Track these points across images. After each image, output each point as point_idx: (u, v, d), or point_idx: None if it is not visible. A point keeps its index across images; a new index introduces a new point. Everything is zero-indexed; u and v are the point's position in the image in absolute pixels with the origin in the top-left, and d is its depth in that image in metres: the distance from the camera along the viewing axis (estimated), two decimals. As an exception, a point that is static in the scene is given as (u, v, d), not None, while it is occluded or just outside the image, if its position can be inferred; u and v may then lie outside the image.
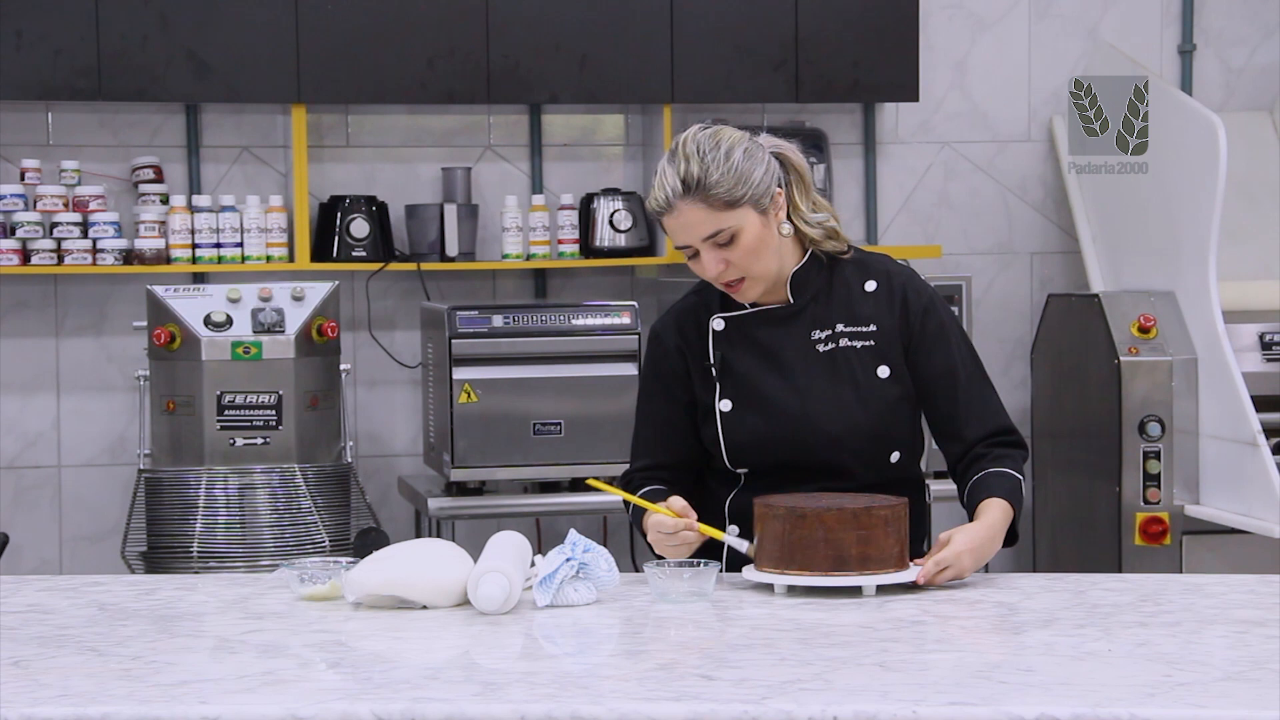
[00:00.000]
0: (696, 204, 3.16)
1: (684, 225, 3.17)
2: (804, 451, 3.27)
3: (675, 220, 3.18)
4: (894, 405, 3.29)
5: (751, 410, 3.29)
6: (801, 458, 3.27)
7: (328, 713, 2.31)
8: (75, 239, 5.57)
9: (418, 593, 2.93)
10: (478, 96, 5.71)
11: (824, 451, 3.27)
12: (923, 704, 2.30)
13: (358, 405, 5.80)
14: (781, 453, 3.28)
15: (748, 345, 3.32)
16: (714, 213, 3.16)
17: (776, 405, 3.28)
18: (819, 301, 3.31)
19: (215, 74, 5.55)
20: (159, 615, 2.95)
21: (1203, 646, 2.67)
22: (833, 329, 3.30)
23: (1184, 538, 5.39)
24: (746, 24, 5.77)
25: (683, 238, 3.19)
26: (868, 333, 3.30)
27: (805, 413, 3.27)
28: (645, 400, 3.44)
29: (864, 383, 3.28)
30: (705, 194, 3.15)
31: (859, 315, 3.31)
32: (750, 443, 3.29)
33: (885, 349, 3.30)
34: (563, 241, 5.87)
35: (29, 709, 2.32)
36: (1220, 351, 5.25)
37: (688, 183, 3.15)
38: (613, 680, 2.52)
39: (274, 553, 5.02)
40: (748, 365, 3.31)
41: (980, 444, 3.32)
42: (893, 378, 3.29)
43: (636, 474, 3.40)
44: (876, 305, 3.32)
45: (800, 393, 3.28)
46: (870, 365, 3.29)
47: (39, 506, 5.84)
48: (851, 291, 3.32)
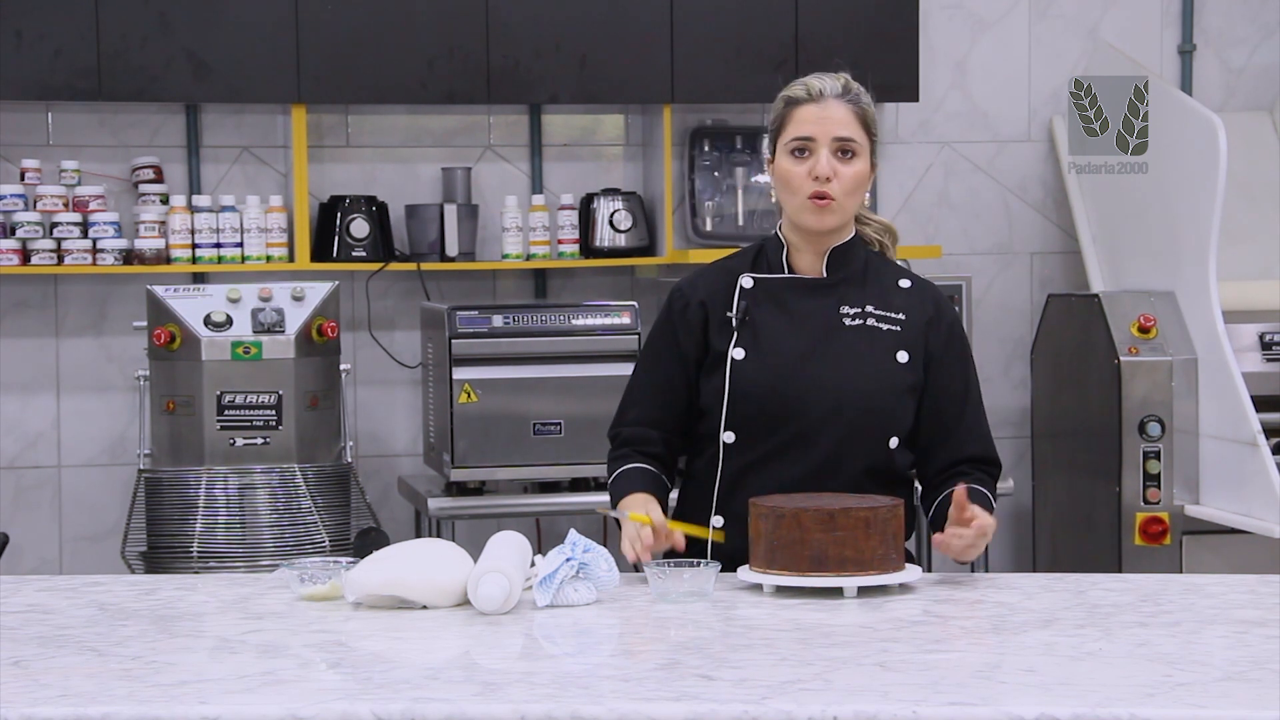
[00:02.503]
0: (847, 105, 3.33)
1: (827, 118, 3.31)
2: (803, 413, 3.30)
3: (820, 111, 3.32)
4: (903, 392, 3.33)
5: (762, 362, 3.33)
6: (797, 421, 3.30)
7: (328, 713, 2.31)
8: (75, 239, 5.57)
9: (418, 593, 2.93)
10: (478, 96, 5.71)
11: (824, 419, 3.29)
12: (923, 704, 2.30)
13: (358, 405, 5.80)
14: (781, 410, 3.30)
15: (774, 305, 3.37)
16: (856, 123, 3.32)
17: (789, 361, 3.32)
18: (852, 283, 3.38)
19: (215, 74, 5.55)
20: (159, 615, 2.95)
21: (1203, 646, 2.67)
22: (862, 308, 3.37)
23: (1184, 538, 5.40)
24: (746, 24, 5.78)
25: (817, 129, 3.31)
26: (896, 319, 3.37)
27: (815, 373, 3.31)
28: (651, 355, 3.47)
29: (882, 361, 3.34)
30: (858, 104, 3.34)
31: (891, 304, 3.38)
32: (753, 393, 3.31)
33: (909, 340, 3.36)
34: (563, 241, 5.87)
35: (29, 709, 2.32)
36: (1220, 351, 5.26)
37: (848, 89, 3.35)
38: (613, 680, 2.52)
39: (274, 553, 5.02)
40: (769, 322, 3.35)
41: (969, 463, 3.39)
42: (909, 366, 3.35)
43: (625, 428, 3.44)
44: (908, 300, 3.40)
45: (815, 355, 3.32)
46: (892, 348, 3.35)
47: (39, 506, 5.84)
48: (885, 282, 3.41)
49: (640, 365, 3.50)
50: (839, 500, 3.09)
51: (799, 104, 3.33)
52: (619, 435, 3.46)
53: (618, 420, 3.48)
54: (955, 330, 3.42)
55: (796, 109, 3.33)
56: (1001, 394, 6.26)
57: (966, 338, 3.48)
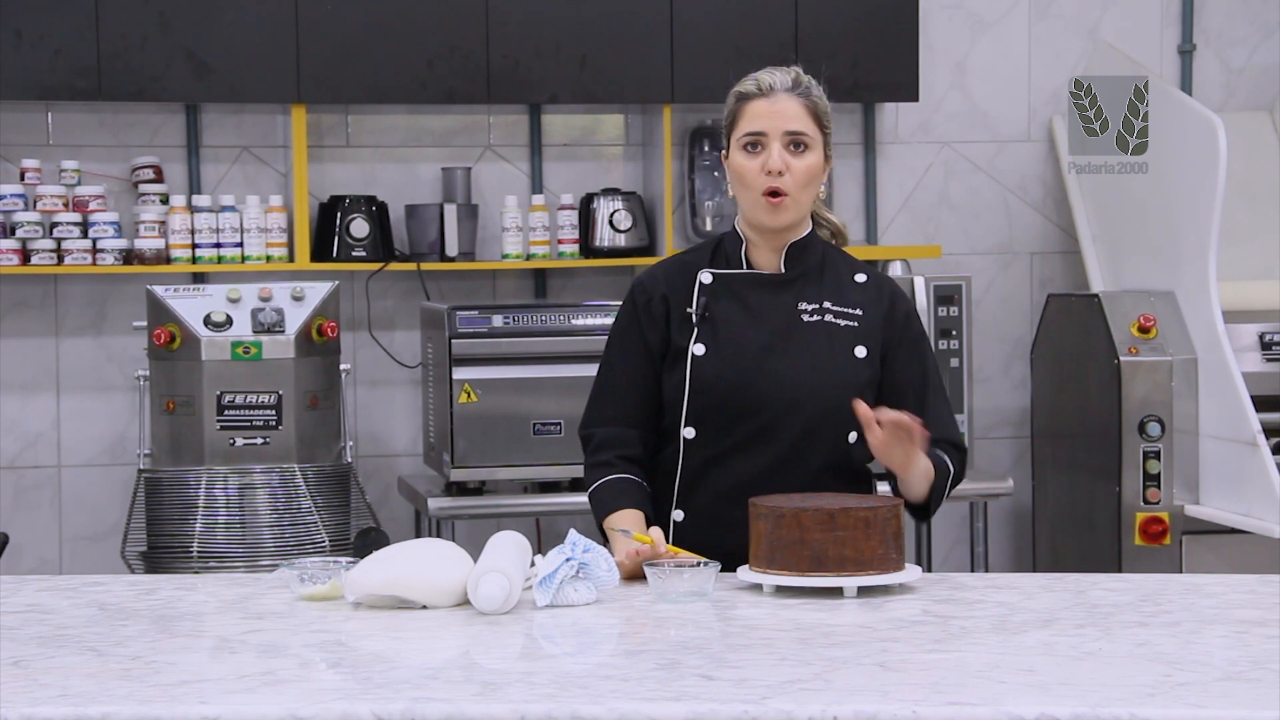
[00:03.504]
0: (797, 99, 3.34)
1: (778, 112, 3.33)
2: (761, 409, 3.33)
3: (771, 106, 3.33)
4: (862, 386, 3.36)
5: (723, 357, 3.35)
6: (757, 417, 3.32)
7: (328, 713, 2.31)
8: (75, 239, 5.57)
9: (418, 593, 2.93)
10: (478, 96, 5.72)
11: (781, 413, 3.32)
12: (923, 704, 2.30)
13: (358, 405, 5.80)
14: (739, 404, 3.33)
15: (733, 301, 3.40)
16: (807, 116, 3.34)
17: (748, 356, 3.35)
18: (810, 279, 3.42)
19: (215, 74, 5.55)
20: (159, 615, 2.95)
21: (1203, 646, 2.67)
22: (820, 304, 3.40)
23: (1184, 538, 5.40)
24: (746, 24, 5.77)
25: (768, 124, 3.33)
26: (853, 314, 3.41)
27: (775, 369, 3.34)
28: (618, 350, 3.47)
29: (840, 356, 3.37)
30: (808, 98, 3.36)
31: (847, 299, 3.42)
32: (714, 387, 3.34)
33: (866, 334, 3.40)
34: (562, 241, 5.87)
35: (29, 709, 2.32)
36: (1220, 351, 5.25)
37: (798, 82, 3.38)
38: (613, 680, 2.52)
39: (274, 553, 5.02)
40: (729, 318, 3.38)
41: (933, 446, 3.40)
42: (867, 360, 3.39)
43: (600, 429, 3.45)
44: (865, 295, 3.43)
45: (774, 351, 3.36)
46: (849, 343, 3.39)
47: (39, 506, 5.84)
48: (841, 278, 3.44)
49: (607, 361, 3.50)
50: (839, 500, 3.09)
51: (750, 99, 3.36)
52: (593, 436, 3.47)
53: (590, 418, 3.49)
54: (911, 321, 3.45)
55: (748, 104, 3.36)
56: (1001, 394, 6.26)
57: (923, 327, 3.51)
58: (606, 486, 3.41)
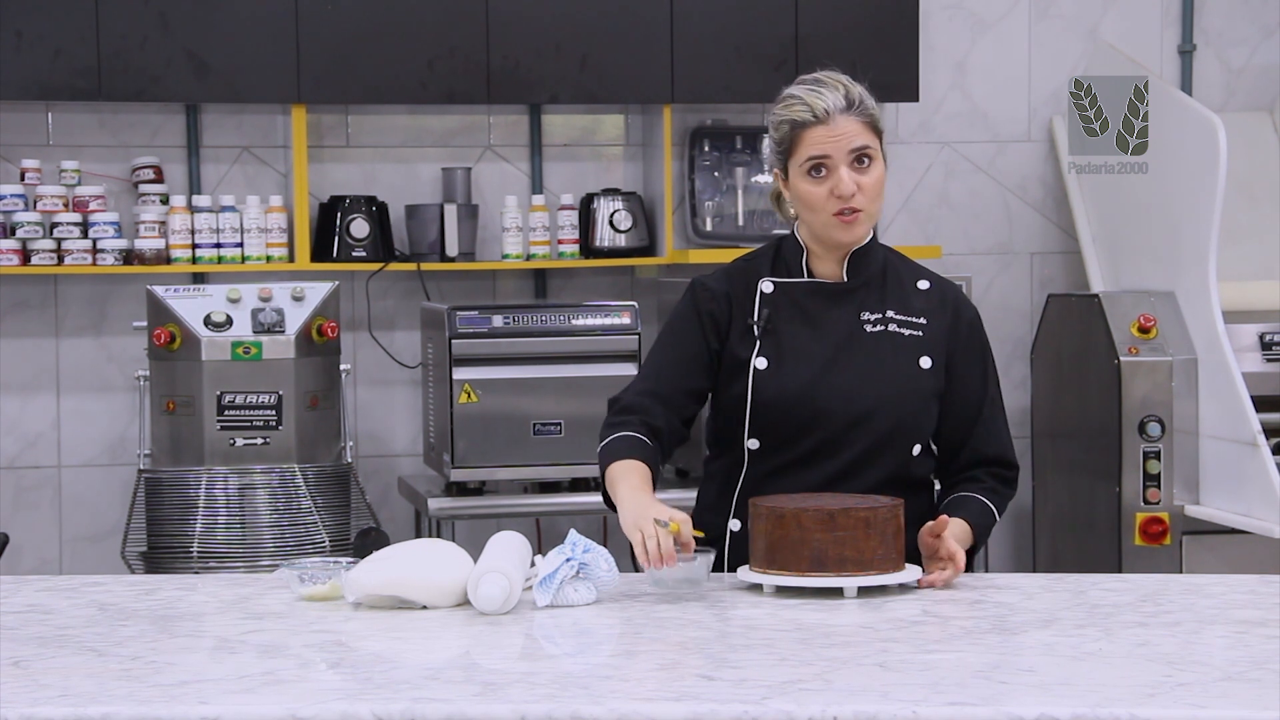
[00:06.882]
0: (855, 118, 3.27)
1: (839, 135, 3.25)
2: (826, 423, 3.27)
3: (829, 131, 3.25)
4: (927, 398, 3.32)
5: (785, 371, 3.29)
6: (821, 431, 3.27)
7: (328, 713, 2.31)
8: (75, 239, 5.57)
9: (418, 593, 2.93)
10: (478, 97, 5.71)
11: (847, 427, 3.27)
12: (923, 704, 2.30)
13: (358, 405, 5.80)
14: (803, 418, 3.27)
15: (794, 311, 3.34)
16: (867, 131, 3.27)
17: (812, 370, 3.29)
18: (872, 287, 3.35)
19: (215, 74, 5.55)
20: (159, 615, 2.95)
21: (1203, 646, 2.67)
22: (883, 313, 3.34)
23: (1184, 538, 5.39)
24: (746, 24, 5.77)
25: (832, 147, 3.24)
26: (917, 324, 3.35)
27: (839, 383, 3.28)
28: (671, 336, 3.39)
29: (905, 368, 3.31)
30: (864, 112, 3.28)
31: (911, 308, 3.36)
32: (776, 402, 3.28)
33: (931, 344, 3.34)
34: (563, 241, 5.87)
35: (29, 709, 2.32)
36: (1220, 351, 5.25)
37: (850, 100, 3.28)
38: (613, 680, 2.52)
39: (274, 553, 5.02)
40: (791, 329, 3.32)
41: (984, 467, 3.39)
42: (932, 371, 3.33)
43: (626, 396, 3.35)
44: (928, 303, 3.37)
45: (838, 364, 3.30)
46: (914, 354, 3.33)
47: (39, 506, 5.84)
48: (904, 285, 3.38)
49: (657, 346, 3.42)
50: (839, 500, 3.09)
51: (807, 127, 3.26)
52: (619, 400, 3.37)
53: (624, 391, 3.39)
54: (975, 329, 3.40)
55: (806, 131, 3.26)
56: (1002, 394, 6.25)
57: (986, 336, 3.45)
58: (612, 441, 3.29)
